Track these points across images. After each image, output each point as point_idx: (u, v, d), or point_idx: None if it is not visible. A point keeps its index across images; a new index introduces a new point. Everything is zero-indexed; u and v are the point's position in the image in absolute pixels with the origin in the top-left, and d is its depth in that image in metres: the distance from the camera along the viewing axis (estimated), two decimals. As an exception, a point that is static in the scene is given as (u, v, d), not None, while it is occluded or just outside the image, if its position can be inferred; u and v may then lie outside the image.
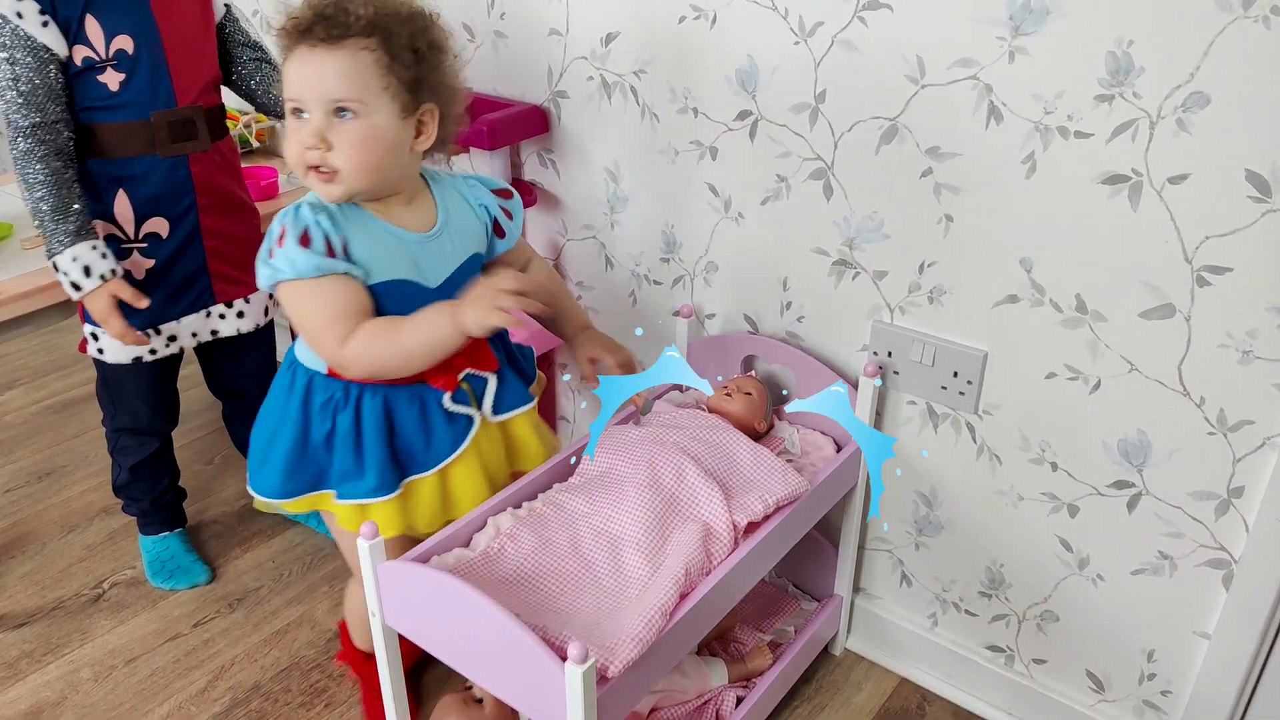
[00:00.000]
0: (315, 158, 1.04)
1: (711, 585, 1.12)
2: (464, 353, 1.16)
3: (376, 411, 1.16)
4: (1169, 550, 1.24)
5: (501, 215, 1.22)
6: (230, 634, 1.65)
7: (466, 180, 1.21)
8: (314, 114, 1.03)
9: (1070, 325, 1.20)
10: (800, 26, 1.27)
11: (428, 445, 1.19)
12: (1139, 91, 1.06)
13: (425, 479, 1.20)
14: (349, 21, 1.02)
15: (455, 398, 1.19)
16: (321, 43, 1.01)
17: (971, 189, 1.21)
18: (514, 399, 1.25)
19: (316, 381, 1.18)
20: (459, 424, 1.20)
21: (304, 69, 1.02)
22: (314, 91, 1.02)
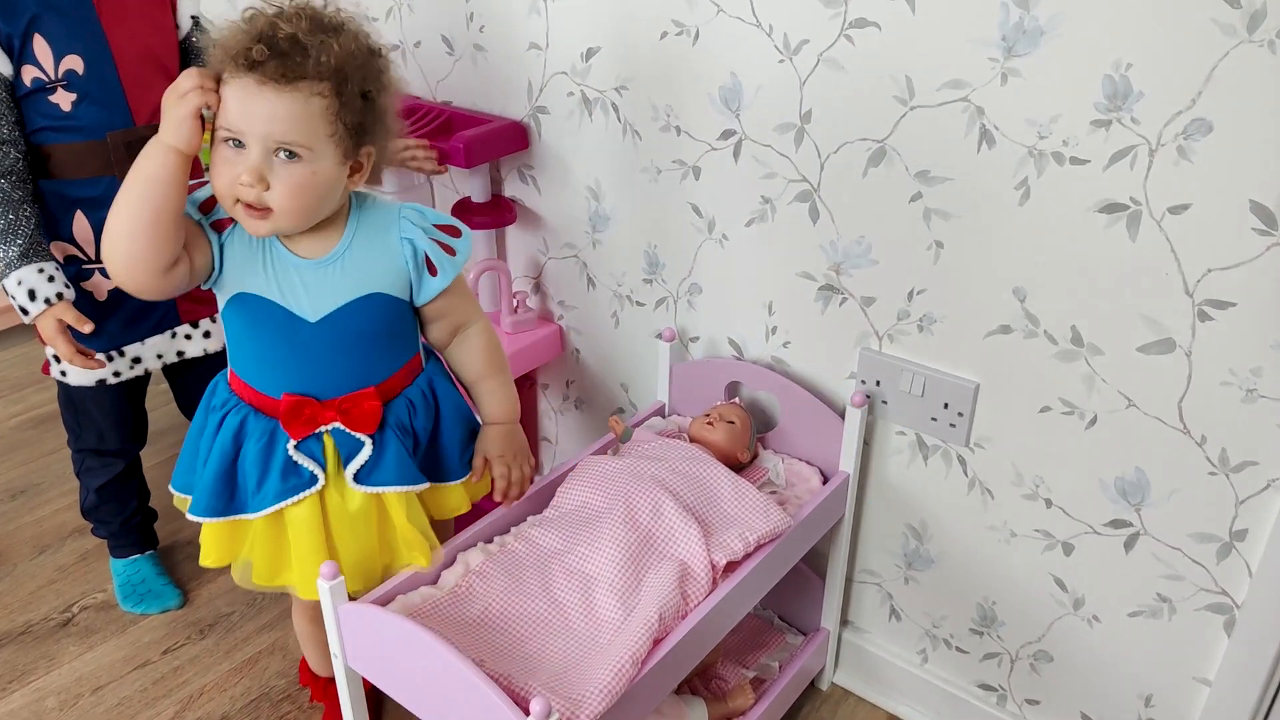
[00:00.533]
0: (251, 195, 0.98)
1: (687, 630, 1.07)
2: (337, 404, 1.09)
3: (230, 431, 1.11)
4: (1168, 593, 1.18)
5: (437, 251, 1.09)
6: (200, 662, 1.60)
7: (402, 210, 1.10)
8: (253, 150, 0.96)
9: (1065, 358, 1.15)
10: (785, 44, 1.22)
11: (259, 486, 1.11)
12: (1138, 117, 1.01)
13: (255, 522, 1.13)
14: (308, 64, 0.95)
15: (301, 447, 1.10)
16: (273, 81, 0.94)
17: (963, 215, 1.16)
18: (388, 474, 1.11)
19: (219, 384, 1.16)
20: (300, 476, 1.10)
21: (250, 105, 0.95)
22: (259, 129, 0.96)
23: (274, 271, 1.06)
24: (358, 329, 1.08)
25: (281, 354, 1.08)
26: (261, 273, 1.06)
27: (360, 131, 1.01)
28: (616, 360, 1.65)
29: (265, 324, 1.07)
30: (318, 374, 1.09)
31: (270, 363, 1.09)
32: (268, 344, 1.09)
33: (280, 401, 1.09)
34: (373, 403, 1.10)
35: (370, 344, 1.10)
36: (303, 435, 1.09)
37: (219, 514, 1.13)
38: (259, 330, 1.08)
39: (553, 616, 1.10)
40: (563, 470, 1.30)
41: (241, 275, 1.06)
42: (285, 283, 1.06)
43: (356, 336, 1.09)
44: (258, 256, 1.06)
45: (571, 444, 1.81)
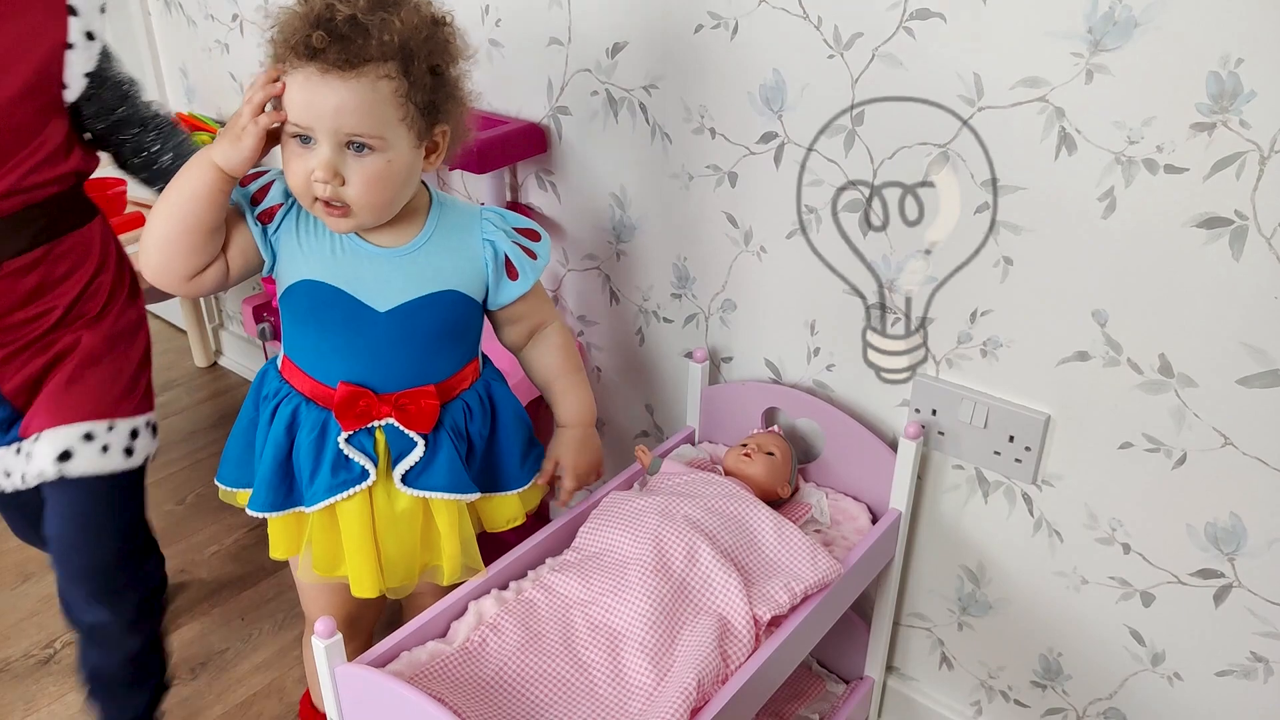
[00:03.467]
0: (328, 192, 0.93)
1: (729, 697, 0.95)
2: (394, 399, 1.03)
3: (283, 422, 1.05)
4: (1264, 652, 1.06)
5: (519, 253, 1.06)
6: (190, 705, 1.49)
7: (484, 211, 1.07)
8: (324, 145, 0.92)
9: (1152, 389, 1.03)
10: (835, 38, 1.10)
11: (311, 479, 1.05)
12: (1247, 120, 0.88)
13: (314, 515, 1.06)
14: (370, 46, 0.89)
15: (354, 440, 1.03)
16: (336, 68, 0.89)
17: (1036, 228, 1.04)
18: (437, 479, 1.04)
19: (269, 374, 1.10)
20: (350, 471, 1.04)
21: (315, 97, 0.90)
22: (327, 123, 0.91)
23: (344, 258, 1.01)
24: (426, 324, 1.03)
25: (343, 342, 1.02)
26: (330, 259, 1.00)
27: (432, 110, 0.95)
28: (641, 381, 1.53)
29: (329, 310, 1.01)
30: (377, 366, 1.03)
31: (329, 350, 1.03)
32: (329, 331, 1.02)
33: (335, 391, 1.02)
34: (431, 401, 1.04)
35: (435, 341, 1.05)
36: (355, 428, 1.03)
37: (279, 508, 1.07)
38: (322, 316, 1.02)
39: (576, 679, 0.99)
40: (584, 507, 1.19)
41: (305, 262, 1.01)
42: (355, 271, 1.00)
43: (423, 332, 1.03)
44: (325, 242, 1.01)
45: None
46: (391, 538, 1.06)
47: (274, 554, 1.11)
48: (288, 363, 1.07)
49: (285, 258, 1.02)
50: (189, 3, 1.97)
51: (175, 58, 2.09)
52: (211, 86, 2.05)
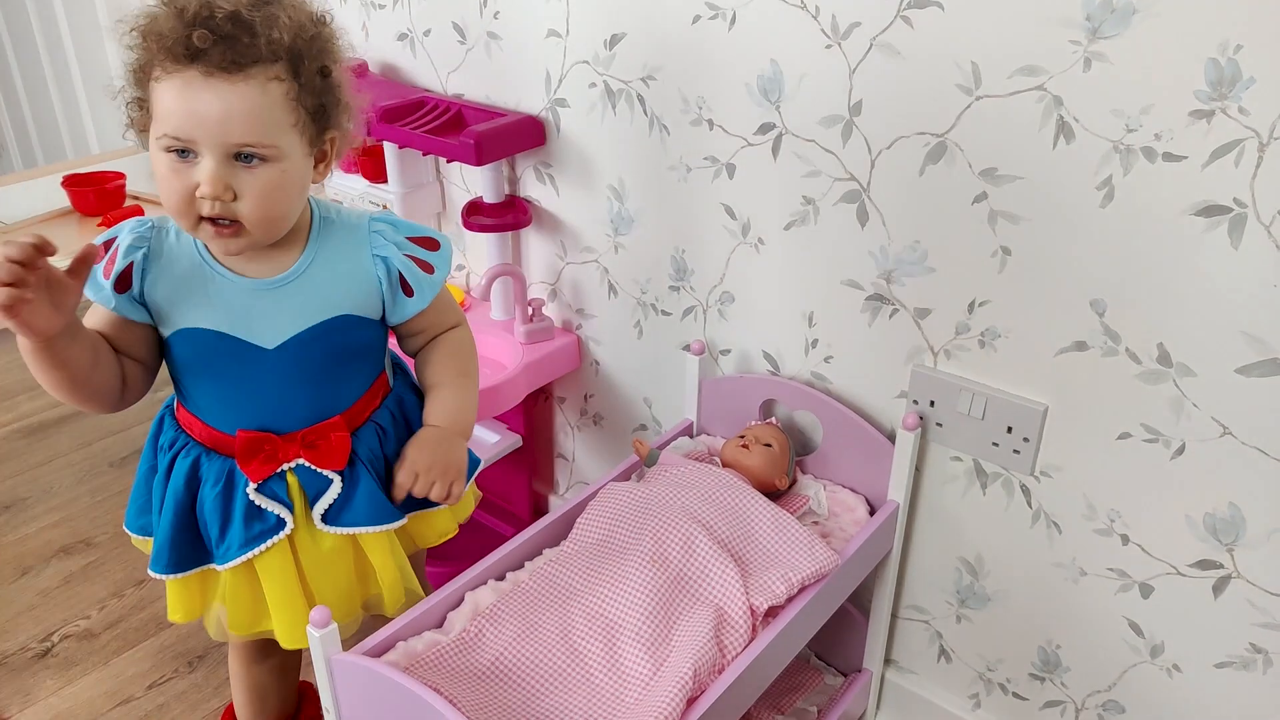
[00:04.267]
0: (217, 209, 0.85)
1: (724, 688, 0.95)
2: (301, 438, 0.97)
3: (181, 475, 0.99)
4: (1263, 643, 1.05)
5: (413, 268, 0.99)
6: (187, 698, 1.48)
7: (372, 222, 0.99)
8: (208, 157, 0.84)
9: (1150, 379, 1.02)
10: (833, 27, 1.10)
11: (221, 535, 0.99)
12: (1246, 107, 0.88)
13: (224, 573, 1.01)
14: (259, 44, 0.82)
15: (263, 489, 0.98)
16: (221, 71, 0.81)
17: (1034, 218, 1.04)
18: (360, 513, 0.99)
19: (166, 420, 1.03)
20: (265, 522, 0.98)
21: (198, 104, 0.82)
22: (213, 133, 0.83)
23: (218, 299, 0.93)
24: (321, 355, 0.96)
25: (235, 386, 0.96)
26: (203, 303, 0.93)
27: (322, 114, 0.90)
28: (640, 374, 1.53)
29: (214, 357, 0.94)
30: (277, 406, 0.97)
31: (222, 397, 0.97)
32: (218, 377, 0.96)
33: (235, 439, 0.96)
34: (340, 434, 0.98)
35: (334, 369, 0.99)
36: (263, 476, 0.96)
37: (183, 569, 1.00)
38: (209, 363, 0.95)
39: (572, 669, 0.98)
40: (582, 498, 1.18)
41: (179, 310, 0.93)
42: (233, 309, 0.93)
43: (319, 363, 0.97)
44: (193, 286, 0.93)
45: (589, 462, 1.69)
46: (324, 580, 1.01)
47: (172, 617, 1.04)
48: (182, 409, 1.01)
49: (157, 311, 0.94)
50: None
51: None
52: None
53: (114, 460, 2.03)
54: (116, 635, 1.60)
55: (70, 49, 2.41)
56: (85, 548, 1.79)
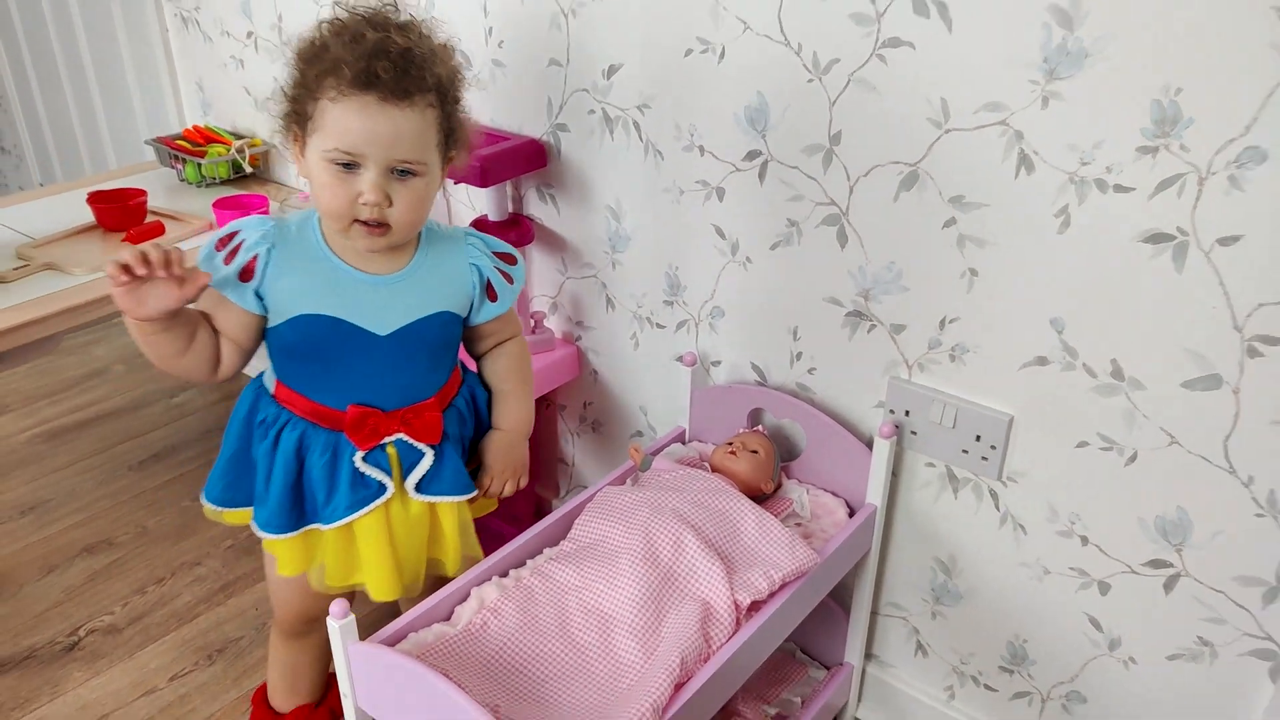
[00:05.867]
0: (376, 214, 1.00)
1: (710, 674, 1.03)
2: (401, 415, 1.11)
3: (290, 445, 1.11)
4: (1210, 636, 1.14)
5: (498, 278, 1.15)
6: (208, 689, 1.57)
7: (467, 235, 1.15)
8: (372, 170, 0.98)
9: (1105, 392, 1.11)
10: (814, 63, 1.18)
11: (328, 499, 1.12)
12: (1187, 144, 0.96)
13: (328, 532, 1.13)
14: (425, 77, 0.98)
15: (369, 458, 1.11)
16: (394, 98, 0.96)
17: (999, 242, 1.12)
18: (445, 484, 1.14)
19: (262, 399, 1.15)
20: (368, 487, 1.11)
21: (374, 125, 0.96)
22: (381, 150, 0.98)
23: (338, 290, 1.06)
24: (423, 344, 1.11)
25: (347, 367, 1.09)
26: (324, 292, 1.06)
27: (451, 137, 1.04)
28: (636, 383, 1.61)
29: (331, 339, 1.07)
30: (381, 386, 1.10)
31: (333, 375, 1.09)
32: (332, 358, 1.08)
33: (345, 414, 1.09)
34: (434, 413, 1.12)
35: (430, 358, 1.13)
36: (369, 446, 1.10)
37: (292, 529, 1.13)
38: (323, 345, 1.08)
39: (570, 658, 1.07)
40: (580, 501, 1.27)
41: (301, 297, 1.06)
42: (353, 299, 1.07)
43: (421, 351, 1.11)
44: (314, 279, 1.06)
45: (588, 466, 1.77)
46: (408, 541, 1.15)
47: (283, 571, 1.17)
48: (284, 389, 1.12)
49: (277, 299, 1.06)
50: (205, 20, 2.05)
51: (192, 72, 2.18)
52: (226, 100, 2.13)
53: (132, 464, 2.12)
54: (140, 630, 1.68)
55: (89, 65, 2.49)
56: (108, 547, 1.87)
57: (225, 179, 2.00)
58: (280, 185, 2.04)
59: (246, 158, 2.00)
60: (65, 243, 1.71)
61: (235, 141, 2.00)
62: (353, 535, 1.14)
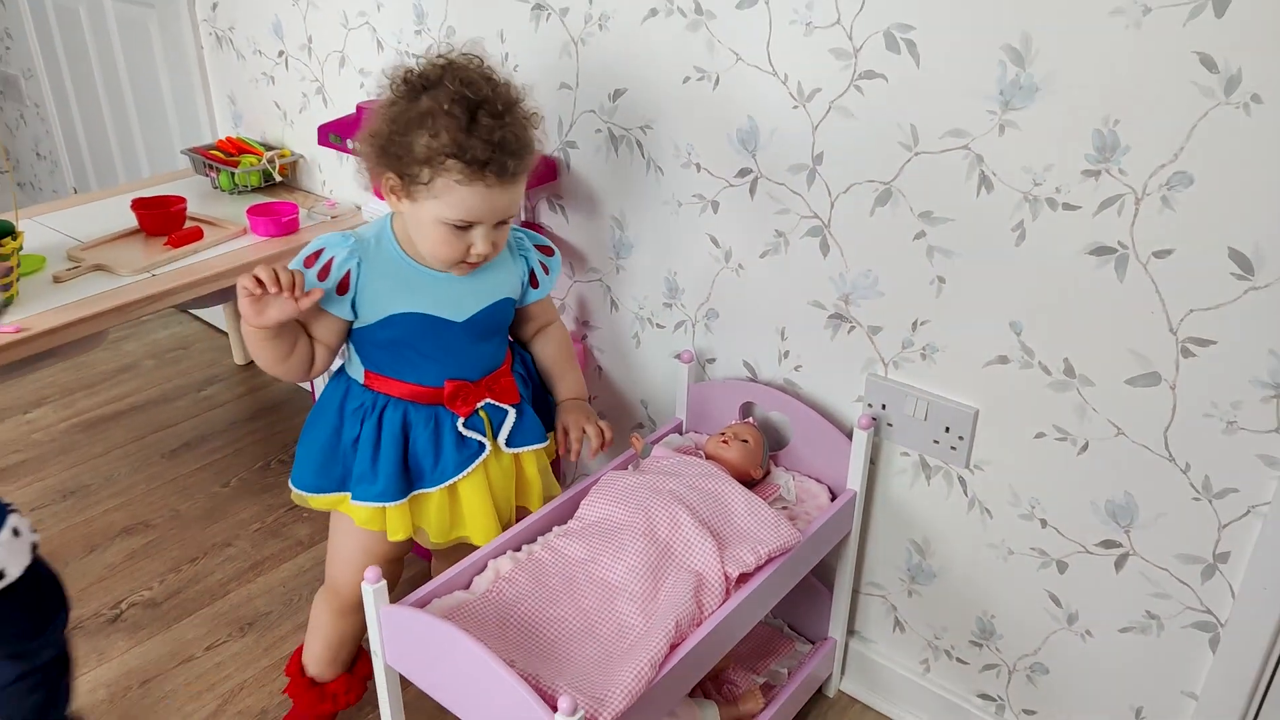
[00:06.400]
0: (483, 259, 1.19)
1: (701, 636, 1.15)
2: (485, 384, 1.30)
3: (395, 424, 1.28)
4: (1156, 610, 1.26)
5: (539, 269, 1.35)
6: (241, 658, 1.70)
7: (514, 232, 1.34)
8: (483, 228, 1.16)
9: (1059, 388, 1.23)
10: (799, 92, 1.31)
11: (436, 463, 1.29)
12: (1125, 168, 1.09)
13: (433, 493, 1.31)
14: (529, 161, 1.16)
15: (468, 423, 1.29)
16: (508, 178, 1.13)
17: (963, 253, 1.24)
18: (528, 435, 1.34)
19: (353, 389, 1.31)
20: (469, 448, 1.30)
21: (490, 202, 1.14)
22: (495, 216, 1.16)
23: (421, 289, 1.24)
24: (492, 325, 1.30)
25: (435, 351, 1.27)
26: (410, 293, 1.24)
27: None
28: (637, 379, 1.74)
29: (419, 331, 1.25)
30: (464, 363, 1.29)
31: (425, 360, 1.27)
32: (423, 346, 1.26)
33: (443, 389, 1.27)
34: (508, 379, 1.33)
35: (497, 336, 1.33)
36: (468, 413, 1.29)
37: (403, 495, 1.28)
38: (414, 337, 1.25)
39: (577, 621, 1.19)
40: (586, 485, 1.39)
41: (388, 302, 1.23)
42: (432, 295, 1.24)
43: (491, 330, 1.31)
44: (399, 282, 1.23)
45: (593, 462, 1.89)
46: (503, 490, 1.34)
47: (393, 536, 1.31)
48: (377, 377, 1.29)
49: (369, 303, 1.23)
50: (239, 39, 2.19)
51: (224, 87, 2.31)
52: (257, 113, 2.26)
53: (165, 452, 2.26)
54: (177, 604, 1.82)
55: (125, 78, 2.61)
56: (145, 528, 2.01)
57: (256, 187, 2.13)
58: (308, 193, 2.18)
59: (276, 167, 2.13)
60: (111, 245, 1.84)
61: (266, 152, 2.14)
62: (455, 494, 1.31)
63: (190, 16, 2.25)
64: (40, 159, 3.23)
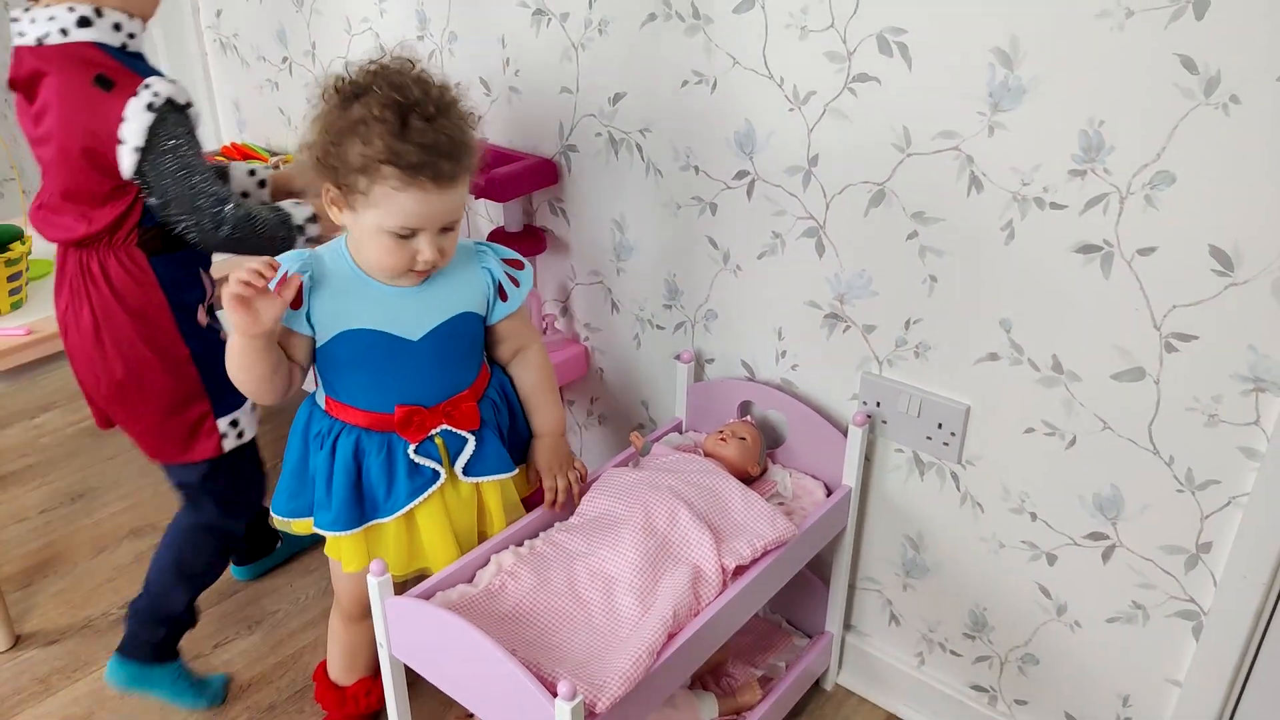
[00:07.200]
0: (430, 266, 1.15)
1: (698, 626, 1.18)
2: (442, 409, 1.25)
3: (347, 452, 1.25)
4: (1142, 600, 1.28)
5: (507, 281, 1.28)
6: (248, 655, 1.73)
7: (478, 245, 1.29)
8: (427, 234, 1.13)
9: (1047, 384, 1.26)
10: (795, 95, 1.34)
11: (389, 492, 1.26)
12: (1109, 168, 1.12)
13: (389, 524, 1.27)
14: (473, 161, 1.13)
15: (420, 450, 1.25)
16: (449, 183, 1.10)
17: (954, 252, 1.28)
18: (489, 465, 1.29)
19: (315, 414, 1.28)
20: (423, 476, 1.26)
21: (432, 207, 1.11)
22: (435, 222, 1.13)
23: (373, 305, 1.20)
24: (452, 342, 1.25)
25: (389, 373, 1.22)
26: (362, 310, 1.20)
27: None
28: (638, 379, 1.77)
29: (372, 350, 1.21)
30: (421, 385, 1.24)
31: (378, 383, 1.23)
32: (376, 367, 1.22)
33: (394, 414, 1.23)
34: (470, 404, 1.26)
35: (460, 355, 1.27)
36: (420, 439, 1.24)
37: (356, 525, 1.26)
38: (366, 357, 1.21)
39: (577, 612, 1.22)
40: (588, 481, 1.42)
41: (338, 319, 1.19)
42: (386, 311, 1.20)
43: (451, 349, 1.25)
44: (351, 298, 1.19)
45: (595, 456, 1.93)
46: (461, 519, 1.30)
47: (348, 568, 1.29)
48: (334, 402, 1.26)
49: (322, 320, 1.19)
50: (243, 46, 2.23)
51: (228, 93, 2.35)
52: (261, 119, 2.30)
53: (172, 454, 2.28)
54: (184, 603, 1.84)
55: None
56: (152, 530, 2.04)
57: (261, 192, 2.16)
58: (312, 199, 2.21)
59: (281, 172, 2.16)
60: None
61: (270, 158, 2.17)
62: (413, 524, 1.28)
63: (194, 23, 2.29)
64: (46, 166, 3.26)
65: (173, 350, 1.41)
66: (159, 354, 1.40)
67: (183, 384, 1.43)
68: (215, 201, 1.32)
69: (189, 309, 1.43)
